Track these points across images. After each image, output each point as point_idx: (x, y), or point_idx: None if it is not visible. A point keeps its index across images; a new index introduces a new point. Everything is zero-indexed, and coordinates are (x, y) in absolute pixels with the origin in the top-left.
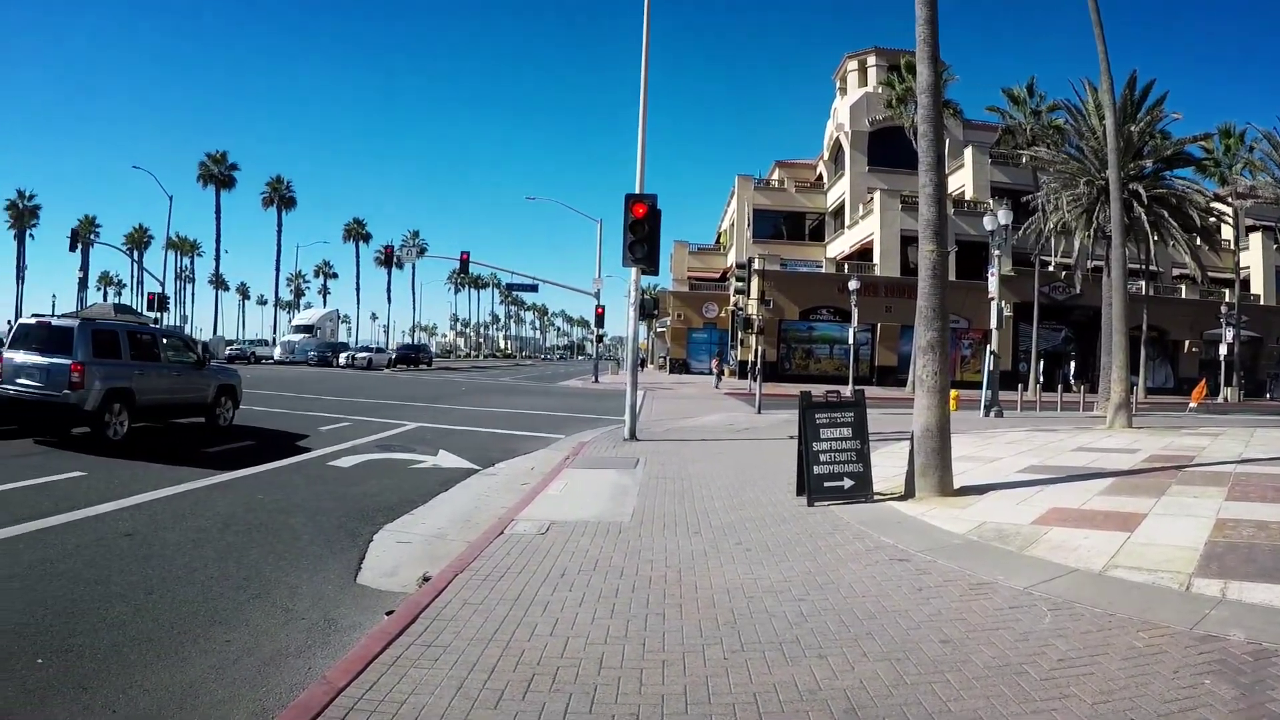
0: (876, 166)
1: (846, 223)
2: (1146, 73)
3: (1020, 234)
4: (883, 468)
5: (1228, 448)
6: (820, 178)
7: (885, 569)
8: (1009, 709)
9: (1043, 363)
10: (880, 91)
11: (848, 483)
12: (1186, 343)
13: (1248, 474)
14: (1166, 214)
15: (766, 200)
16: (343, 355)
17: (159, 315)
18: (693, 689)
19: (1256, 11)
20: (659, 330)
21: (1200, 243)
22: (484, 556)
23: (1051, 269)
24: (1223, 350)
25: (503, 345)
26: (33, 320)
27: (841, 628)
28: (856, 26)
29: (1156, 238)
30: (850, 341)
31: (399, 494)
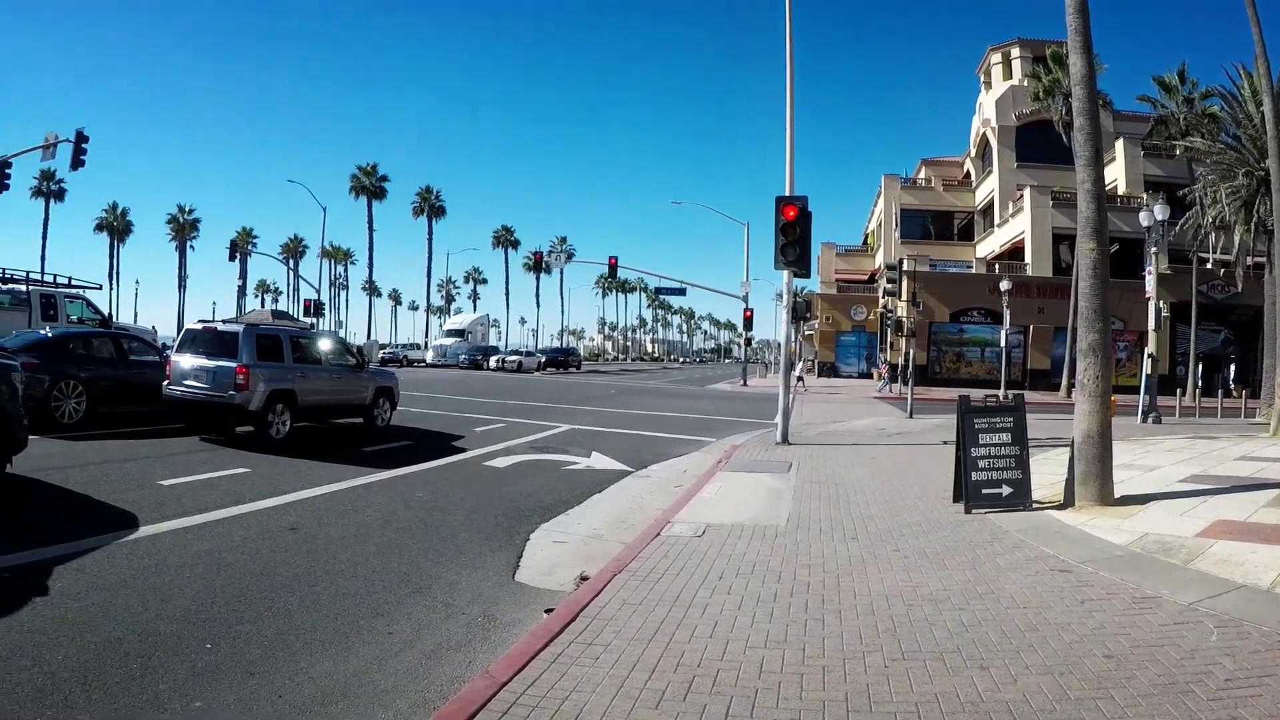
0: (1025, 162)
1: (996, 221)
2: None
3: (1176, 230)
4: (1039, 475)
5: None
6: (968, 175)
7: (1046, 580)
8: None
9: (1201, 366)
10: (1026, 84)
11: (1006, 490)
12: None
13: None
14: None
15: (914, 200)
16: (493, 358)
17: (314, 320)
18: (854, 696)
19: None
20: (806, 333)
21: None
22: (641, 557)
23: (1209, 266)
24: None
25: (649, 349)
26: (199, 325)
27: (1003, 639)
28: (999, 18)
29: None
30: (1002, 344)
31: (554, 494)
